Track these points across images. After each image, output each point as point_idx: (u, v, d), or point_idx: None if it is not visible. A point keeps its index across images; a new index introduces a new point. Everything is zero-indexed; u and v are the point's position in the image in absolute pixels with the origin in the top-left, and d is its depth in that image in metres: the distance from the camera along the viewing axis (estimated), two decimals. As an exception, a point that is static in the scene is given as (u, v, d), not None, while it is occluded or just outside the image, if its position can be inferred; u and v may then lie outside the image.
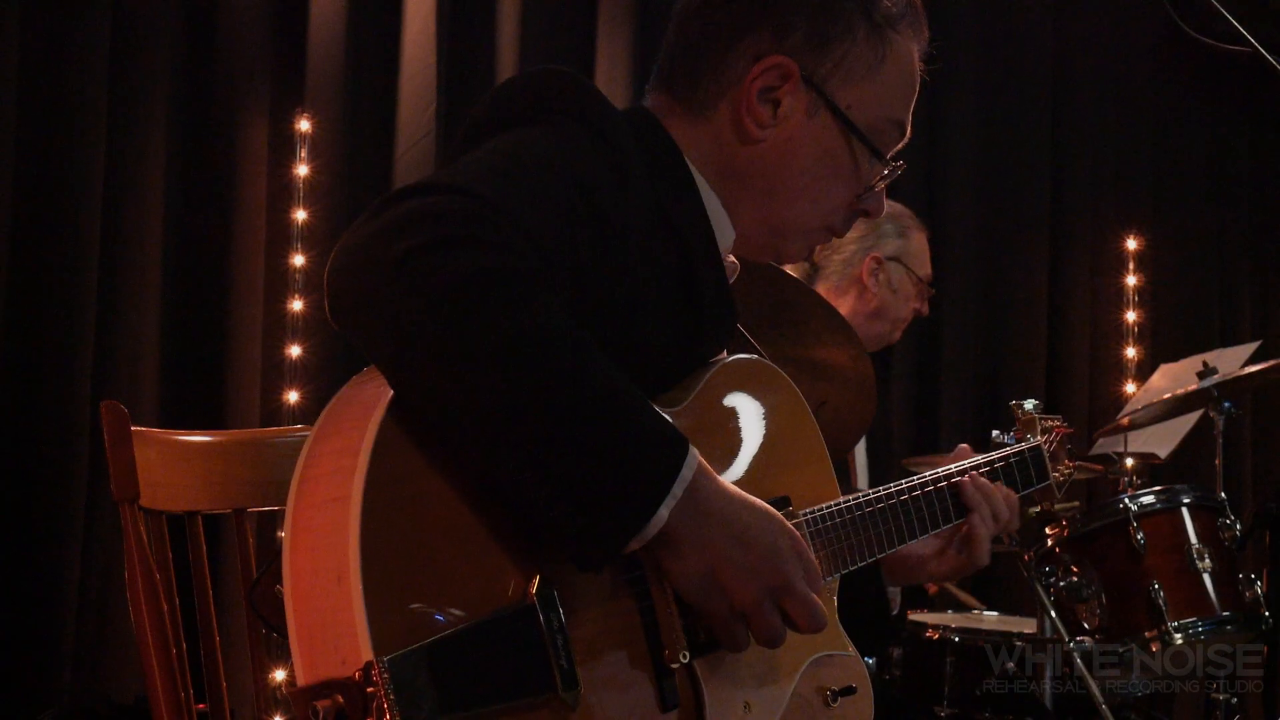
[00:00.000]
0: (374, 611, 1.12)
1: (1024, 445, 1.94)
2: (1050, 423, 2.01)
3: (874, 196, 1.64)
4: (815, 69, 1.55)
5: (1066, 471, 2.01)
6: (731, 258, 1.66)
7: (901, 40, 1.60)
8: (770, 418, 1.62)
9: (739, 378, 1.60)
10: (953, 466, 1.81)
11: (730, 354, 1.63)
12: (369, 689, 1.10)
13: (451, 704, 1.15)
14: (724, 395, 1.57)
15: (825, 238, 1.66)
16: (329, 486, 1.19)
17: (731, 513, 1.33)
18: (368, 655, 1.11)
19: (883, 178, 1.62)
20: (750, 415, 1.60)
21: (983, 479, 1.82)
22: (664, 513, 1.26)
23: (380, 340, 1.22)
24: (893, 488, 1.70)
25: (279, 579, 1.26)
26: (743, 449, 1.56)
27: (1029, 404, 2.03)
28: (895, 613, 1.85)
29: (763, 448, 1.59)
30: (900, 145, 1.65)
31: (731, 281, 1.65)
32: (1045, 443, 1.97)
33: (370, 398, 1.23)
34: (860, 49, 1.56)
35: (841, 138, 1.57)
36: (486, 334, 1.19)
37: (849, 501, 1.63)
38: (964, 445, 1.89)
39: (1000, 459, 1.88)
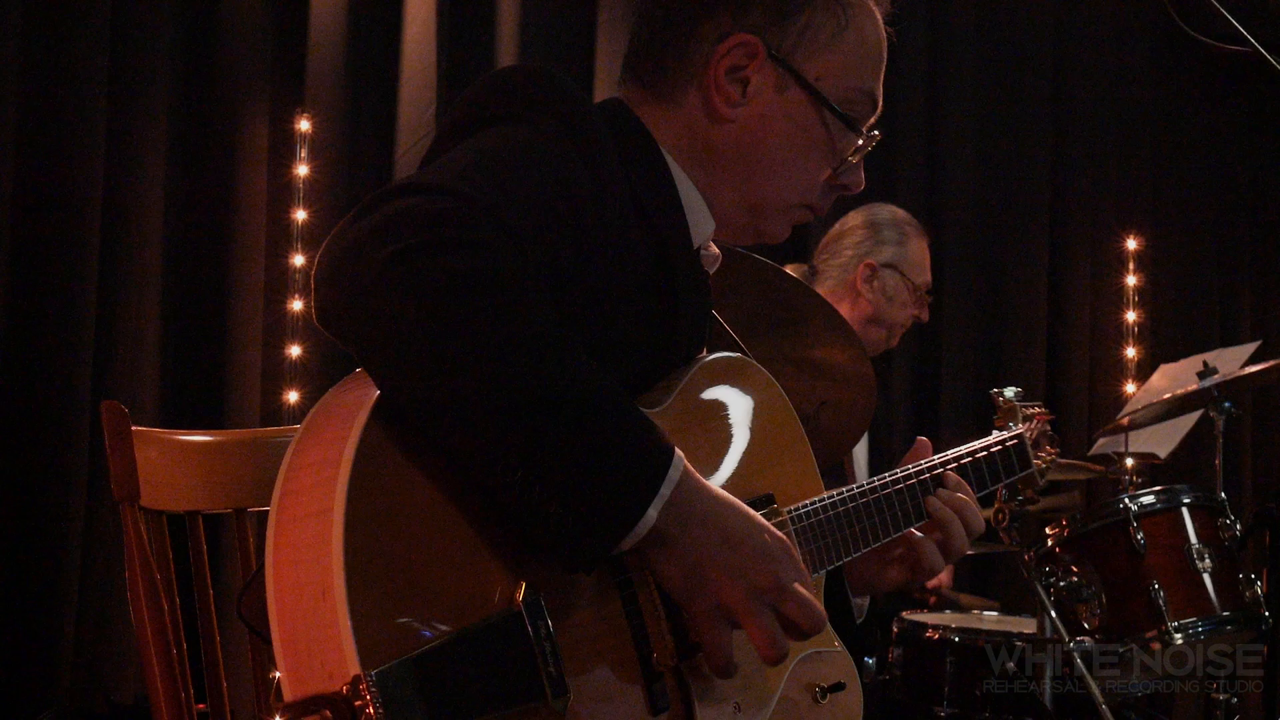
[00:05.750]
0: (359, 625, 1.11)
1: (1006, 434, 1.92)
2: (1031, 410, 2.00)
3: (852, 171, 1.64)
4: (779, 43, 1.56)
5: (1049, 459, 2.00)
6: (714, 247, 1.66)
7: (861, 5, 1.61)
8: (752, 415, 1.61)
9: (720, 375, 1.59)
10: (935, 459, 1.77)
11: (711, 350, 1.62)
12: (357, 703, 1.10)
13: (440, 715, 1.14)
14: (705, 393, 1.56)
15: (805, 215, 1.66)
16: (310, 500, 1.17)
17: (717, 515, 1.32)
18: (355, 670, 1.10)
19: (858, 149, 1.61)
20: (732, 413, 1.59)
21: (959, 496, 1.72)
22: (652, 514, 1.25)
23: (368, 343, 1.21)
24: (874, 482, 1.67)
25: (264, 587, 1.26)
26: (726, 447, 1.56)
27: (1009, 392, 2.02)
28: (862, 620, 1.79)
29: (746, 445, 1.58)
30: (873, 118, 1.64)
31: (713, 271, 1.65)
32: (1027, 430, 1.96)
33: (350, 408, 1.21)
34: (820, 18, 1.57)
35: (813, 111, 1.58)
36: (476, 335, 1.18)
37: (833, 497, 1.62)
38: (923, 438, 1.82)
39: (983, 448, 1.86)
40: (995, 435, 1.91)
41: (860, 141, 1.61)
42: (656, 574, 1.33)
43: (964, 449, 1.84)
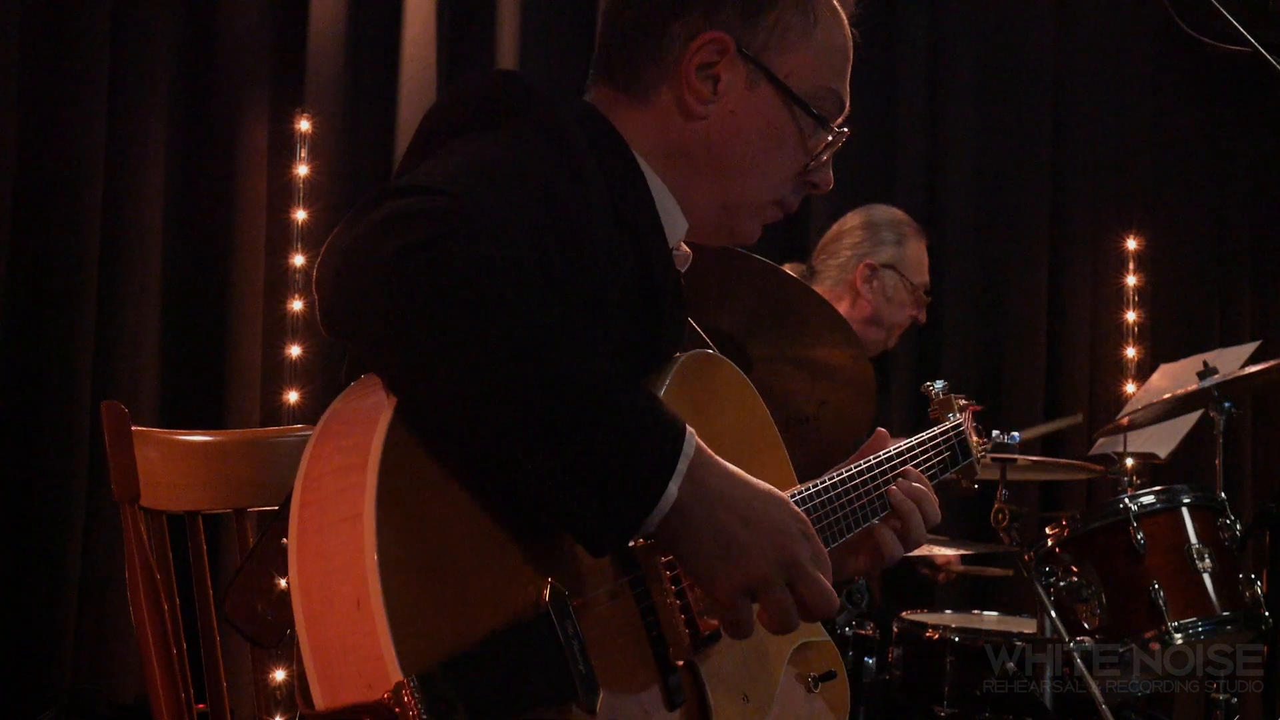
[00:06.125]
0: (398, 632, 1.11)
1: (949, 425, 1.95)
2: (962, 401, 2.03)
3: (820, 169, 1.66)
4: (749, 40, 1.58)
5: (982, 448, 2.02)
6: (684, 247, 1.67)
7: (828, 5, 1.63)
8: (730, 410, 1.64)
9: (698, 374, 1.61)
10: (891, 450, 1.78)
11: (685, 349, 1.64)
12: (397, 709, 1.10)
13: (481, 717, 1.15)
14: (686, 391, 1.57)
15: (776, 213, 1.68)
16: (337, 506, 1.17)
17: (734, 491, 1.33)
18: (396, 677, 1.10)
19: (827, 146, 1.63)
20: (712, 409, 1.61)
21: (918, 487, 1.73)
22: (674, 489, 1.26)
23: (378, 341, 1.21)
24: (842, 473, 1.68)
25: (250, 587, 1.25)
26: (710, 444, 1.57)
27: (939, 384, 2.04)
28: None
29: (728, 441, 1.59)
30: (841, 117, 1.66)
31: (684, 270, 1.66)
32: (964, 421, 1.99)
33: (368, 412, 1.21)
34: (790, 16, 1.60)
35: (784, 108, 1.60)
36: (485, 323, 1.19)
37: (809, 489, 1.62)
38: (882, 430, 1.83)
39: (930, 440, 1.88)
40: (937, 428, 1.93)
41: (830, 139, 1.63)
42: (678, 553, 1.33)
43: (914, 440, 1.85)
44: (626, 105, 1.60)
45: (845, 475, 1.67)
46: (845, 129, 1.65)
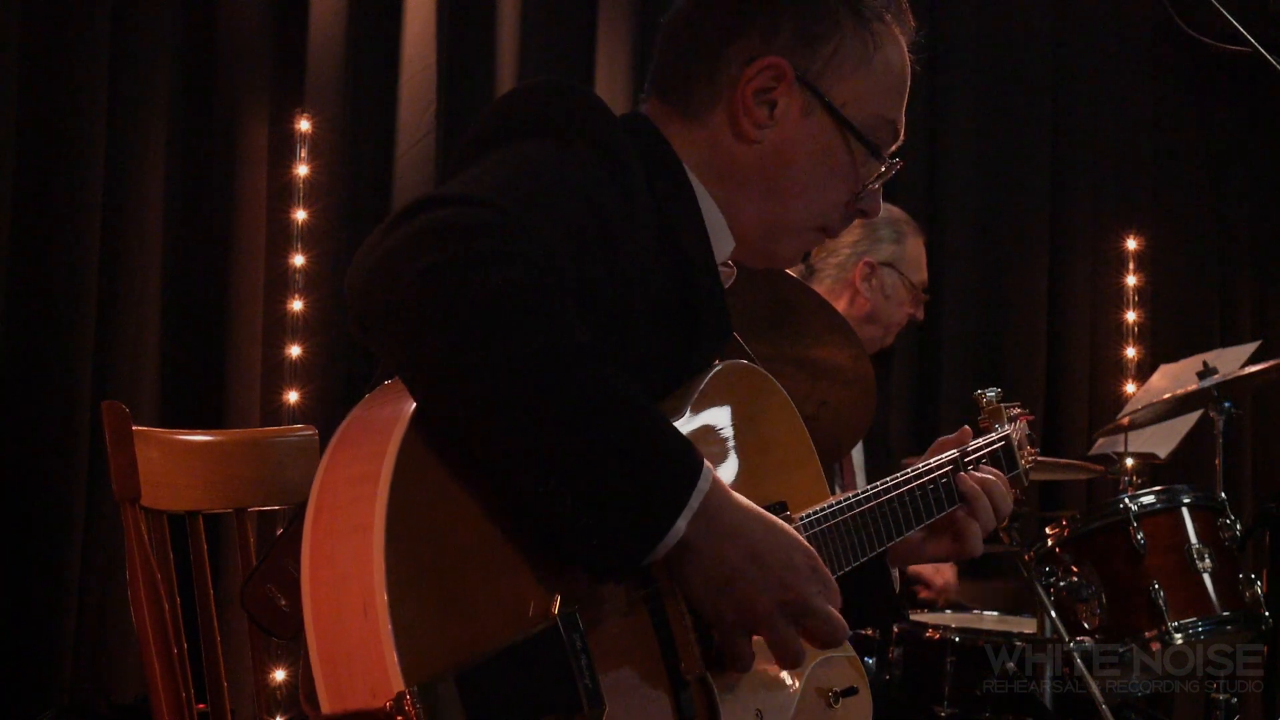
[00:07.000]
0: (402, 642, 1.12)
1: (996, 436, 1.93)
2: (1014, 410, 2.01)
3: (870, 196, 1.65)
4: (807, 67, 1.57)
5: (1031, 458, 2.01)
6: (730, 265, 1.67)
7: (888, 33, 1.62)
8: (763, 422, 1.62)
9: (731, 384, 1.60)
10: (932, 461, 1.78)
11: (722, 359, 1.63)
12: (399, 718, 1.10)
13: None
14: (718, 402, 1.56)
15: (820, 239, 1.68)
16: (349, 515, 1.17)
17: (745, 527, 1.33)
18: (399, 686, 1.10)
19: (879, 176, 1.63)
20: (744, 421, 1.60)
21: (985, 473, 1.80)
22: (682, 524, 1.26)
23: (404, 355, 1.22)
24: (878, 487, 1.68)
25: (269, 578, 1.25)
26: (739, 455, 1.56)
27: (991, 392, 2.02)
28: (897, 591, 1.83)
29: (758, 453, 1.59)
30: (895, 146, 1.65)
31: (727, 287, 1.66)
32: (1013, 431, 1.97)
33: (385, 422, 1.21)
34: (849, 44, 1.58)
35: (838, 136, 1.59)
36: (516, 347, 1.19)
37: (842, 502, 1.62)
38: (967, 427, 1.87)
39: (973, 450, 1.86)
40: (983, 439, 1.91)
41: (883, 169, 1.62)
42: (683, 584, 1.33)
43: (955, 451, 1.84)
44: (679, 122, 1.60)
45: (880, 488, 1.68)
46: (898, 159, 1.64)
